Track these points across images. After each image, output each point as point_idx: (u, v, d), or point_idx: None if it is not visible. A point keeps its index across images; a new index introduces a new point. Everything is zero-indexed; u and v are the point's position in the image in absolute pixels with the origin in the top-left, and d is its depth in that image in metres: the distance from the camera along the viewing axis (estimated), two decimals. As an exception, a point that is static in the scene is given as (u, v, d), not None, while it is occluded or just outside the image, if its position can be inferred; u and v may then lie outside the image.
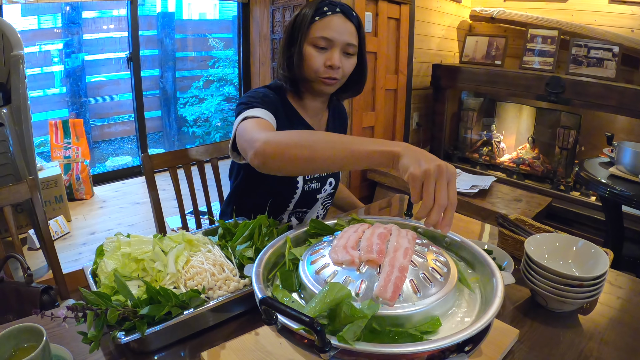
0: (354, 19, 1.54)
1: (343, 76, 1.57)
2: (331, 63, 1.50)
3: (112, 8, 4.87)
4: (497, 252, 1.44)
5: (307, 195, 1.70)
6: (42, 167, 3.40)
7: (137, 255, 1.14)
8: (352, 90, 1.72)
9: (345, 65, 1.54)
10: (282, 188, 1.64)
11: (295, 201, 1.69)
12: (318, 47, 1.51)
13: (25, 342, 0.95)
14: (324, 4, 1.52)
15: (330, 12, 1.50)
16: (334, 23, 1.50)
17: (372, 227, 0.96)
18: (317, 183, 1.70)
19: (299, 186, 1.65)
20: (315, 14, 1.51)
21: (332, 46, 1.51)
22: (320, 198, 1.77)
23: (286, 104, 1.65)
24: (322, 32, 1.49)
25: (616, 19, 3.80)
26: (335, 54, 1.51)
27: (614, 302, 1.32)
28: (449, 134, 4.63)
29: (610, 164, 2.66)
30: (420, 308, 0.79)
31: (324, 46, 1.51)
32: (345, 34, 1.51)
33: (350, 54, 1.55)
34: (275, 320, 0.73)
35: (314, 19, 1.51)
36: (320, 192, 1.75)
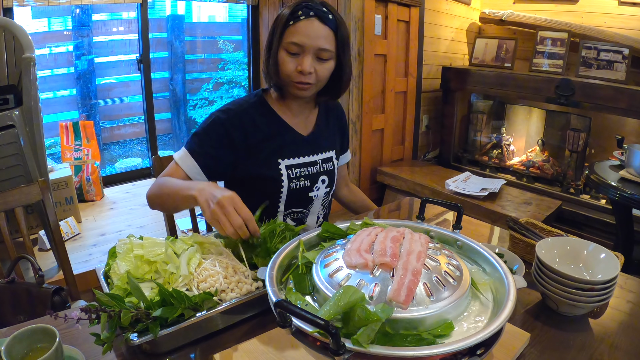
0: (329, 22, 1.50)
1: (318, 81, 1.55)
2: (301, 69, 1.49)
3: (122, 10, 4.89)
4: (508, 256, 1.44)
5: (297, 195, 1.69)
6: (53, 168, 3.42)
7: (150, 257, 1.15)
8: (329, 94, 1.69)
9: (319, 70, 1.53)
10: (265, 186, 1.64)
11: (284, 201, 1.67)
12: (290, 52, 1.50)
13: (38, 342, 0.95)
14: (299, 7, 1.50)
15: (303, 17, 1.48)
16: (306, 28, 1.48)
17: (385, 230, 0.96)
18: (305, 181, 1.69)
19: (283, 185, 1.64)
20: (289, 18, 1.49)
21: (303, 51, 1.49)
22: (316, 197, 1.75)
23: (265, 106, 1.66)
24: (294, 38, 1.48)
25: (626, 20, 3.79)
26: (306, 60, 1.49)
27: (625, 306, 1.31)
28: (459, 137, 4.62)
29: (620, 167, 2.66)
30: (433, 311, 0.79)
31: (295, 52, 1.50)
32: (318, 39, 1.48)
33: (324, 59, 1.53)
34: (289, 323, 0.74)
35: (288, 24, 1.49)
36: (312, 191, 1.73)
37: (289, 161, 1.65)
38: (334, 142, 1.86)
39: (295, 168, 1.66)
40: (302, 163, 1.69)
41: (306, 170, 1.69)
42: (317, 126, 1.78)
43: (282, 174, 1.63)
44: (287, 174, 1.64)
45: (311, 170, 1.71)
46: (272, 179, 1.63)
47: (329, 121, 1.85)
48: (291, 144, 1.68)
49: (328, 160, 1.78)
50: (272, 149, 1.63)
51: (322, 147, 1.77)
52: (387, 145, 4.17)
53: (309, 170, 1.70)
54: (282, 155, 1.65)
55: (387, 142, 4.16)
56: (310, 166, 1.70)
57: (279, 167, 1.63)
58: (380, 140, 4.10)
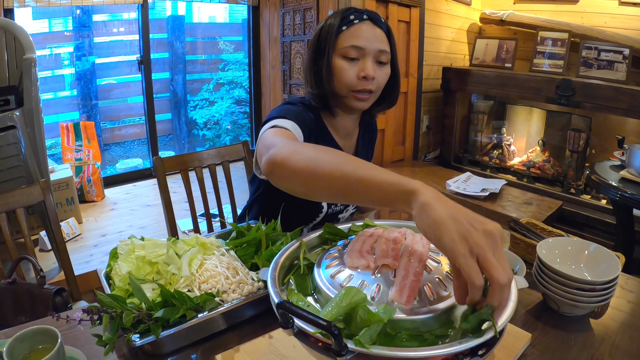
0: (383, 25, 1.44)
1: (377, 88, 1.47)
2: (365, 73, 1.40)
3: (122, 11, 4.90)
4: (509, 256, 1.44)
5: (330, 217, 1.64)
6: (54, 169, 3.42)
7: (152, 258, 1.15)
8: (386, 102, 1.60)
9: (379, 75, 1.44)
10: (305, 208, 1.57)
11: (317, 222, 1.62)
12: (349, 57, 1.41)
13: (40, 344, 0.95)
14: (349, 12, 1.43)
15: (357, 20, 1.41)
16: (363, 30, 1.40)
17: (387, 231, 0.96)
18: (341, 205, 1.64)
19: (323, 210, 1.58)
20: (342, 24, 1.42)
21: (364, 55, 1.41)
22: (342, 218, 1.72)
23: (319, 123, 1.55)
24: (352, 41, 1.40)
25: (626, 21, 3.79)
26: (369, 63, 1.41)
27: (625, 306, 1.31)
28: (459, 137, 4.62)
29: (621, 167, 2.66)
30: (435, 312, 0.79)
31: (355, 56, 1.41)
32: (376, 41, 1.41)
33: (384, 63, 1.45)
34: (291, 324, 0.74)
35: (341, 29, 1.42)
36: (343, 213, 1.69)
37: None
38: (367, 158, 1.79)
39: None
40: None
41: None
42: (358, 147, 1.72)
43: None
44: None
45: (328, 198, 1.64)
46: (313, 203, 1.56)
47: (365, 141, 1.77)
48: None
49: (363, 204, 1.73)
50: None
51: None
52: (388, 146, 4.17)
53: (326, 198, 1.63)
54: None
55: (388, 143, 4.16)
56: None
57: None
58: (381, 140, 4.10)
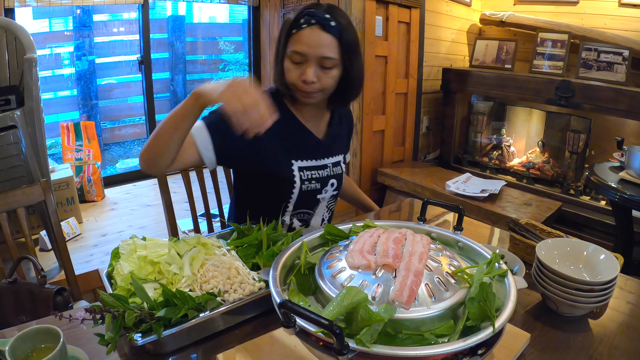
0: (332, 29, 1.45)
1: (323, 88, 1.52)
2: (304, 78, 1.47)
3: (123, 11, 4.90)
4: (509, 257, 1.45)
5: (307, 196, 1.69)
6: (54, 169, 3.42)
7: (153, 258, 1.16)
8: (338, 102, 1.68)
9: (322, 78, 1.50)
10: (278, 188, 1.64)
11: (294, 202, 1.67)
12: (294, 61, 1.48)
13: (42, 343, 0.96)
14: (302, 14, 1.47)
15: (305, 25, 1.44)
16: (307, 37, 1.44)
17: (387, 231, 0.97)
18: (316, 183, 1.69)
19: (296, 186, 1.63)
20: (292, 27, 1.47)
21: (306, 60, 1.46)
22: (323, 199, 1.76)
23: (284, 108, 1.63)
24: (296, 47, 1.46)
25: (626, 22, 3.79)
26: (310, 69, 1.46)
27: (624, 306, 1.32)
28: (459, 138, 4.63)
29: (620, 169, 2.66)
30: (435, 312, 0.80)
31: (299, 61, 1.47)
32: (320, 48, 1.45)
33: (328, 67, 1.49)
34: (293, 323, 0.74)
35: (290, 32, 1.47)
36: (321, 193, 1.73)
37: (301, 163, 1.65)
38: (342, 146, 1.87)
39: (307, 170, 1.66)
40: (314, 166, 1.68)
41: (317, 173, 1.69)
42: (330, 130, 1.77)
43: (295, 175, 1.63)
44: (299, 175, 1.64)
45: (322, 174, 1.70)
46: (284, 179, 1.62)
47: (340, 125, 1.84)
48: (306, 146, 1.67)
49: (337, 164, 1.78)
50: (287, 149, 1.62)
51: (334, 151, 1.77)
52: (388, 147, 4.17)
53: (320, 174, 1.70)
54: (296, 156, 1.64)
55: (388, 143, 4.16)
56: (321, 169, 1.70)
57: (292, 168, 1.63)
58: (380, 141, 4.10)
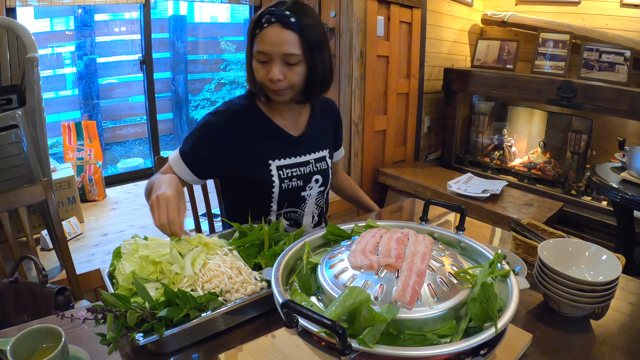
0: (292, 26, 1.47)
1: (290, 85, 1.55)
2: (270, 77, 1.50)
3: (124, 11, 4.90)
4: (510, 257, 1.45)
5: (290, 194, 1.71)
6: (55, 168, 3.42)
7: (155, 257, 1.16)
8: (308, 95, 1.67)
9: (288, 75, 1.52)
10: (257, 188, 1.68)
11: (276, 200, 1.69)
12: (259, 61, 1.52)
13: (44, 342, 0.96)
14: (262, 14, 1.50)
15: (266, 24, 1.47)
16: (269, 35, 1.47)
17: (390, 232, 0.97)
18: (297, 181, 1.71)
19: (275, 185, 1.66)
20: (255, 27, 1.50)
21: (270, 59, 1.50)
22: (309, 197, 1.77)
23: (256, 110, 1.68)
24: (260, 46, 1.49)
25: (628, 22, 3.79)
26: (274, 68, 1.49)
27: (625, 307, 1.32)
28: (460, 138, 4.63)
29: (621, 169, 2.66)
30: (437, 312, 0.80)
31: (264, 60, 1.50)
32: (282, 45, 1.47)
33: (292, 64, 1.51)
34: (296, 323, 0.74)
35: (254, 32, 1.51)
36: (305, 190, 1.74)
37: (279, 162, 1.67)
38: (327, 141, 1.88)
39: (286, 169, 1.68)
40: (293, 163, 1.70)
41: (298, 170, 1.71)
42: (310, 126, 1.79)
43: (273, 175, 1.65)
44: (277, 174, 1.66)
45: (304, 170, 1.72)
46: (263, 180, 1.65)
47: (323, 120, 1.86)
48: (282, 145, 1.70)
49: (321, 159, 1.79)
50: (262, 151, 1.66)
51: (315, 146, 1.78)
52: (389, 147, 4.17)
53: (301, 170, 1.71)
54: (273, 156, 1.67)
55: (389, 143, 4.16)
56: (302, 166, 1.72)
57: (270, 168, 1.65)
58: (382, 141, 4.10)
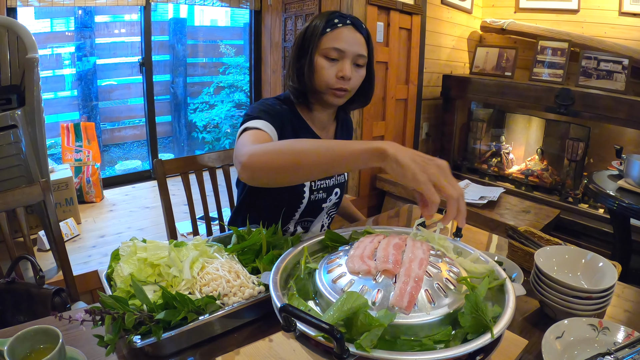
0: (363, 30, 1.56)
1: (352, 87, 1.58)
2: (343, 74, 1.51)
3: (124, 13, 4.91)
4: (507, 264, 1.46)
5: (313, 205, 1.71)
6: (53, 169, 3.42)
7: (153, 260, 1.16)
8: (359, 102, 1.73)
9: (355, 76, 1.56)
10: (288, 198, 1.66)
11: (301, 211, 1.70)
12: (329, 58, 1.52)
13: (41, 343, 0.96)
14: (334, 15, 1.54)
15: (341, 24, 1.52)
16: (344, 34, 1.51)
17: (388, 237, 0.97)
18: (323, 193, 1.72)
19: (305, 196, 1.66)
20: (326, 26, 1.52)
21: (343, 57, 1.52)
22: (326, 207, 1.78)
23: (296, 115, 1.66)
24: (334, 43, 1.51)
25: (626, 31, 3.81)
26: (347, 65, 1.52)
27: (622, 315, 1.32)
28: (458, 145, 4.64)
29: (619, 177, 2.67)
30: (434, 318, 0.80)
31: (335, 57, 1.52)
32: (355, 45, 1.52)
33: (360, 65, 1.57)
34: (294, 327, 0.75)
35: (325, 31, 1.52)
36: (326, 202, 1.76)
37: None
38: None
39: (317, 180, 1.68)
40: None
41: (324, 182, 1.71)
42: (336, 137, 1.81)
43: (306, 185, 1.65)
44: (309, 185, 1.66)
45: (328, 183, 1.73)
46: (296, 189, 1.64)
47: (343, 132, 1.88)
48: None
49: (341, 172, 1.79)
50: None
51: None
52: (387, 152, 4.16)
53: (327, 183, 1.72)
54: None
55: (387, 149, 4.15)
56: (328, 179, 1.73)
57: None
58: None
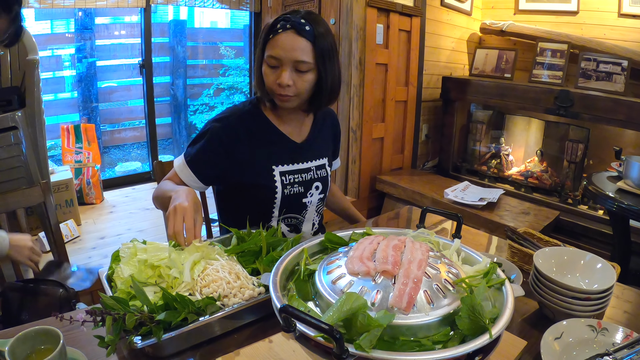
0: (306, 34, 1.51)
1: (298, 92, 1.57)
2: (279, 81, 1.52)
3: (124, 15, 4.91)
4: (506, 265, 1.46)
5: (291, 200, 1.72)
6: (54, 170, 3.43)
7: (154, 261, 1.16)
8: (315, 104, 1.69)
9: (297, 82, 1.54)
10: (259, 193, 1.69)
11: (278, 206, 1.71)
12: (270, 65, 1.54)
13: (42, 344, 0.96)
14: (278, 20, 1.53)
15: (281, 30, 1.50)
16: (282, 41, 1.50)
17: (387, 239, 0.98)
18: (299, 187, 1.73)
19: (277, 191, 1.68)
20: (269, 32, 1.53)
21: (281, 64, 1.52)
22: (310, 204, 1.79)
23: (260, 116, 1.70)
24: (272, 51, 1.51)
25: (625, 32, 3.81)
26: (285, 73, 1.51)
27: (621, 316, 1.33)
28: (458, 146, 4.64)
29: (618, 178, 2.67)
30: (433, 318, 0.81)
31: (274, 64, 1.53)
32: (294, 52, 1.50)
33: (303, 71, 1.54)
34: (294, 328, 0.75)
35: (268, 37, 1.53)
36: (306, 197, 1.76)
37: (282, 167, 1.69)
38: (327, 149, 1.90)
39: (289, 174, 1.70)
40: (296, 170, 1.72)
41: (300, 176, 1.73)
42: (312, 133, 1.81)
43: (276, 180, 1.67)
44: (280, 180, 1.68)
45: (305, 177, 1.74)
46: (266, 185, 1.67)
47: (324, 129, 1.88)
48: (285, 151, 1.72)
49: (321, 167, 1.81)
50: (266, 156, 1.68)
51: (316, 154, 1.81)
52: (387, 154, 4.18)
53: (302, 177, 1.73)
54: (277, 162, 1.69)
55: (387, 151, 4.17)
56: (304, 173, 1.74)
57: (273, 174, 1.67)
58: (380, 148, 4.11)
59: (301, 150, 1.75)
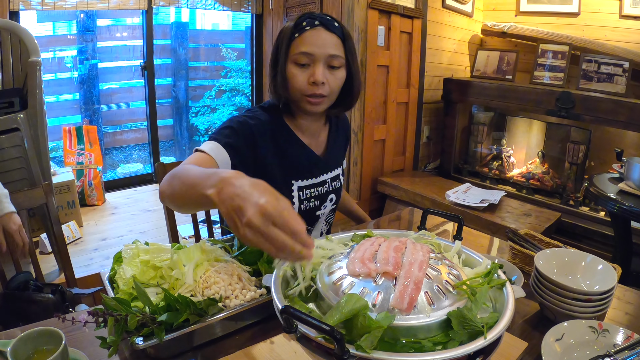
0: (336, 29, 1.46)
1: (330, 92, 1.49)
2: (314, 79, 1.43)
3: (126, 16, 4.92)
4: (507, 266, 1.46)
5: (307, 214, 1.65)
6: (56, 172, 3.43)
7: (156, 262, 1.17)
8: (342, 105, 1.61)
9: (331, 79, 1.47)
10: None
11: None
12: (299, 64, 1.45)
13: (44, 345, 0.96)
14: (302, 19, 1.46)
15: (309, 27, 1.43)
16: (313, 37, 1.43)
17: (388, 240, 0.98)
18: (315, 201, 1.66)
19: (294, 207, 1.59)
20: (294, 31, 1.45)
21: (313, 61, 1.44)
22: (322, 215, 1.73)
23: (282, 124, 1.59)
24: (302, 48, 1.43)
25: (626, 34, 3.82)
26: (318, 69, 1.44)
27: (623, 317, 1.33)
28: (459, 148, 4.64)
29: (619, 180, 2.67)
30: (434, 319, 0.81)
31: (305, 62, 1.44)
32: (326, 47, 1.44)
33: (336, 67, 1.47)
34: (295, 329, 0.75)
35: (293, 36, 1.45)
36: (320, 209, 1.70)
37: (301, 182, 1.61)
38: (341, 157, 1.84)
39: (306, 189, 1.63)
40: (313, 184, 1.65)
41: (316, 190, 1.66)
42: (329, 143, 1.73)
43: (294, 196, 1.59)
44: (298, 195, 1.60)
45: (321, 190, 1.67)
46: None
47: (338, 137, 1.80)
48: (305, 165, 1.63)
49: (336, 178, 1.75)
50: (287, 169, 1.58)
51: (332, 165, 1.73)
52: (388, 156, 4.19)
53: (318, 191, 1.66)
54: (296, 176, 1.61)
55: (388, 153, 4.17)
56: (320, 186, 1.67)
57: (292, 189, 1.60)
58: (381, 150, 4.11)
59: (320, 163, 1.67)
